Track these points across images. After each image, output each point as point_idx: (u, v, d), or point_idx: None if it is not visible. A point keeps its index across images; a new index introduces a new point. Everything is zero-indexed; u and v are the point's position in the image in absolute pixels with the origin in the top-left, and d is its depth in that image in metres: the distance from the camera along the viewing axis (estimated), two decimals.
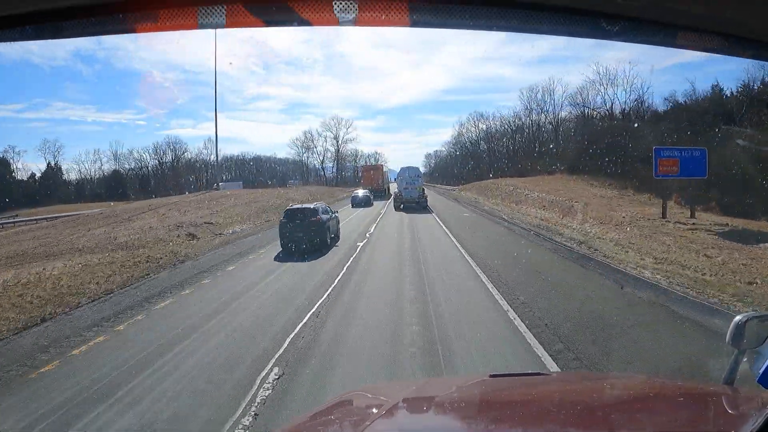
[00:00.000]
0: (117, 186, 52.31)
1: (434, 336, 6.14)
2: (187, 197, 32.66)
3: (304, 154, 68.87)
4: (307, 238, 13.15)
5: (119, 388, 4.90)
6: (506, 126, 58.16)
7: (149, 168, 58.42)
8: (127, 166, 57.71)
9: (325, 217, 14.11)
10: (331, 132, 70.96)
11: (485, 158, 60.70)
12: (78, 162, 59.42)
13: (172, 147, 58.92)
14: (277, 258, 12.65)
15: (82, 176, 56.23)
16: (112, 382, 5.11)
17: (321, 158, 69.96)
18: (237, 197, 29.49)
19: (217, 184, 46.57)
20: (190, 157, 60.16)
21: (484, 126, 62.05)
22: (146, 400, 4.64)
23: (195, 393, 4.80)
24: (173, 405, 4.53)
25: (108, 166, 57.14)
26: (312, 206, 14.32)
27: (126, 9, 0.87)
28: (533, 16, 0.88)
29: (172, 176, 54.85)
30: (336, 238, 15.11)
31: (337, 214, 16.35)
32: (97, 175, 56.58)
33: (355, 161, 71.32)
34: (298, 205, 14.79)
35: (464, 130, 65.75)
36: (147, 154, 58.36)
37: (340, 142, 68.52)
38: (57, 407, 4.56)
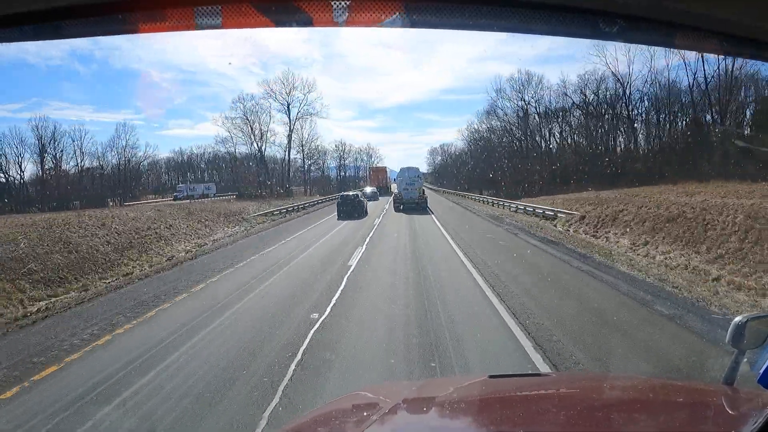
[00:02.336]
0: None
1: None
2: None
3: (249, 143, 40.77)
4: (352, 210, 25.36)
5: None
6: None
7: (7, 175, 39.96)
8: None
9: (362, 200, 26.72)
10: (279, 101, 39.74)
11: (550, 152, 36.84)
12: None
13: (56, 142, 39.75)
14: (339, 219, 24.53)
15: None
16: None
17: (257, 144, 39.02)
18: None
19: None
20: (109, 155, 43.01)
21: (531, 97, 36.96)
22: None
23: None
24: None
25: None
26: (353, 193, 27.49)
27: (126, 8, 0.88)
28: (529, 15, 0.89)
29: (56, 184, 40.04)
30: (366, 212, 27.10)
31: (365, 199, 29.12)
32: None
33: (341, 158, 51.25)
34: (348, 192, 27.95)
35: (503, 98, 38.61)
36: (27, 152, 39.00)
37: (293, 116, 39.47)
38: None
